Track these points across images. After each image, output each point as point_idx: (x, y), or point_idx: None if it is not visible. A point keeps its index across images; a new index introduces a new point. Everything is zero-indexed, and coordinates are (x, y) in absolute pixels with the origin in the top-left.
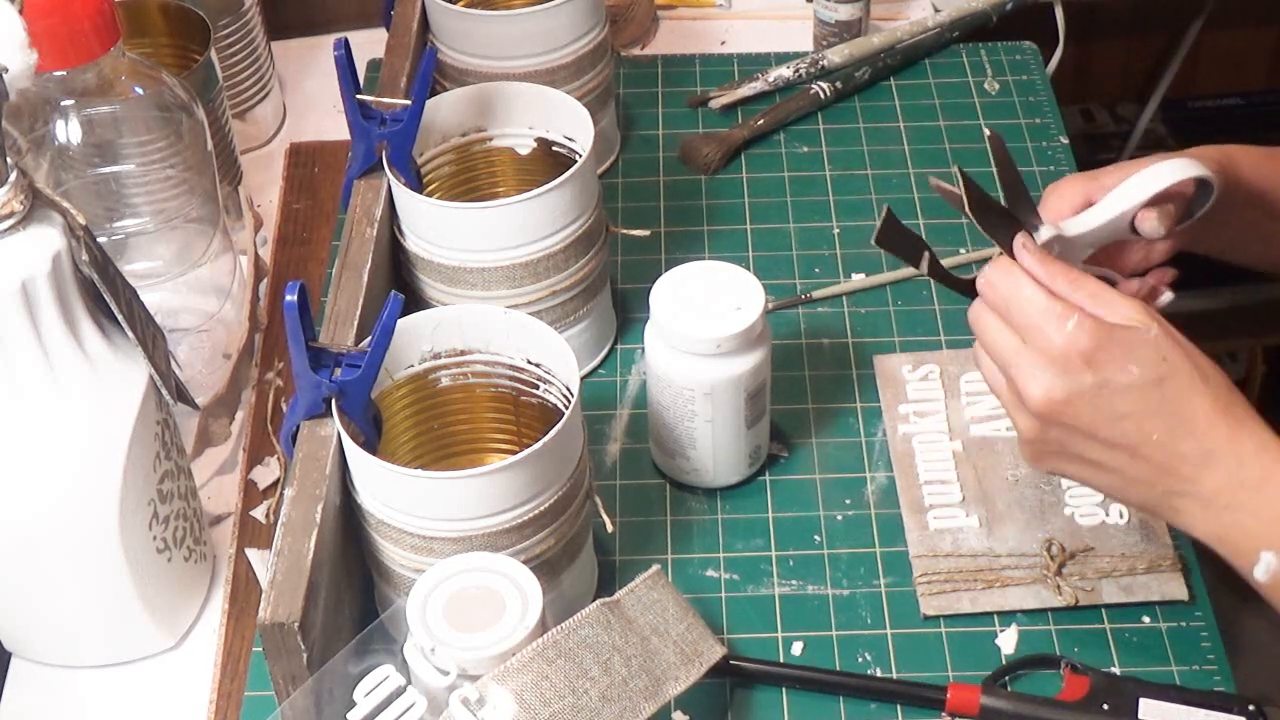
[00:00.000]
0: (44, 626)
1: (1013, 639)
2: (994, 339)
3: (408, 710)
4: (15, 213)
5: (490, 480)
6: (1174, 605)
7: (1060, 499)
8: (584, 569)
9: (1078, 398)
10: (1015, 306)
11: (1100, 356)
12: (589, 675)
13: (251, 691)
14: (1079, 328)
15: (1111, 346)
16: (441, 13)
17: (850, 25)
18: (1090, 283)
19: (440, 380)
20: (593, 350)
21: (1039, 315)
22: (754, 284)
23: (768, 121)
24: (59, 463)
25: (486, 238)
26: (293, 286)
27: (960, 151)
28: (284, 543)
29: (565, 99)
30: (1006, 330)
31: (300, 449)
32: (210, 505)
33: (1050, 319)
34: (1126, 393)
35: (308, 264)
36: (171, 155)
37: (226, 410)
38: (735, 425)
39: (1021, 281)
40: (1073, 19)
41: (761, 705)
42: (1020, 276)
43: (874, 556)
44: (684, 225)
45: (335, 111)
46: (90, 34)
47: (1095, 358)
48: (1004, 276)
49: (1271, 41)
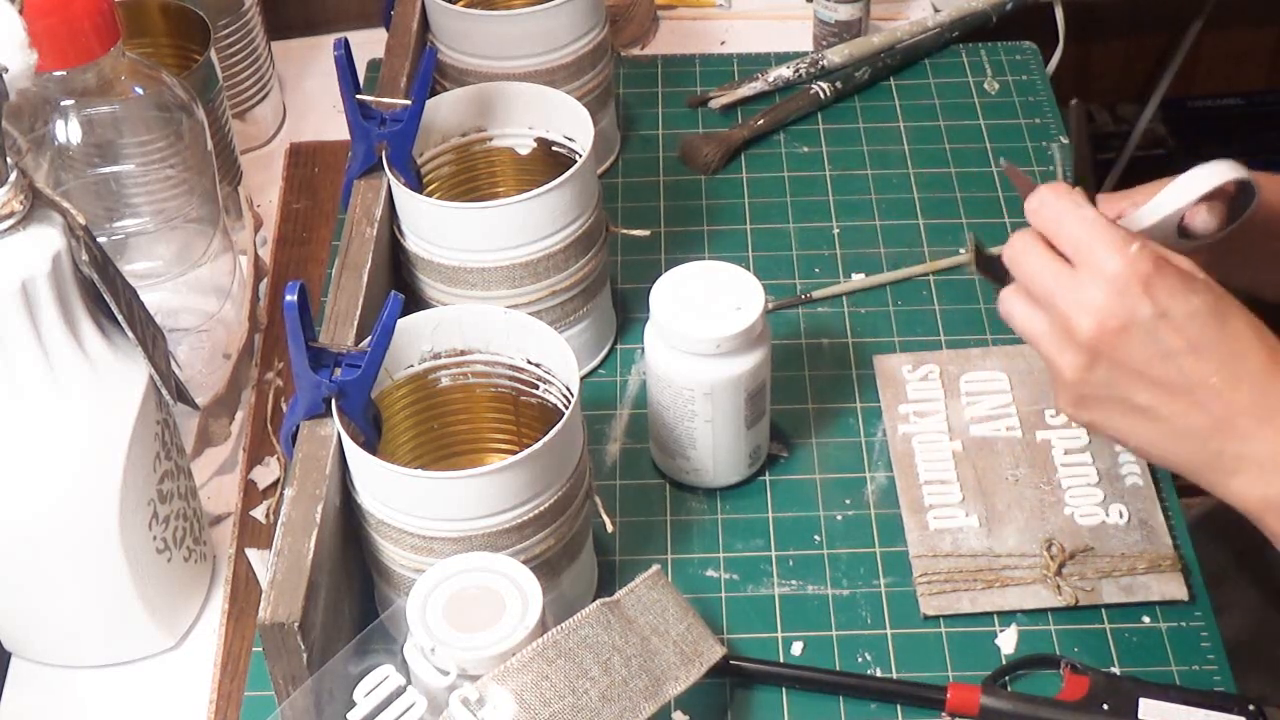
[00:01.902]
0: (44, 626)
1: (1013, 639)
2: (1039, 267)
3: (408, 710)
4: (15, 213)
5: (490, 480)
6: (1174, 605)
7: (1060, 499)
8: (584, 569)
9: (1134, 326)
10: (1069, 226)
11: (1162, 282)
12: (589, 675)
13: (251, 691)
14: (1142, 250)
15: (1172, 276)
16: (441, 13)
17: (850, 25)
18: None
19: (440, 380)
20: (593, 350)
21: (1099, 234)
22: (754, 284)
23: (768, 121)
24: (59, 463)
25: (486, 238)
26: (293, 286)
27: (960, 151)
28: (284, 543)
29: (565, 99)
30: (1054, 259)
31: (300, 449)
32: (210, 505)
33: (1111, 238)
34: (1187, 324)
35: (308, 264)
36: (171, 155)
37: (226, 410)
38: (735, 425)
39: (1081, 200)
40: (1073, 19)
41: (761, 705)
42: (1079, 196)
43: (874, 556)
44: (684, 225)
45: (335, 111)
46: (90, 34)
47: (1156, 283)
48: (1059, 196)
49: (1271, 41)
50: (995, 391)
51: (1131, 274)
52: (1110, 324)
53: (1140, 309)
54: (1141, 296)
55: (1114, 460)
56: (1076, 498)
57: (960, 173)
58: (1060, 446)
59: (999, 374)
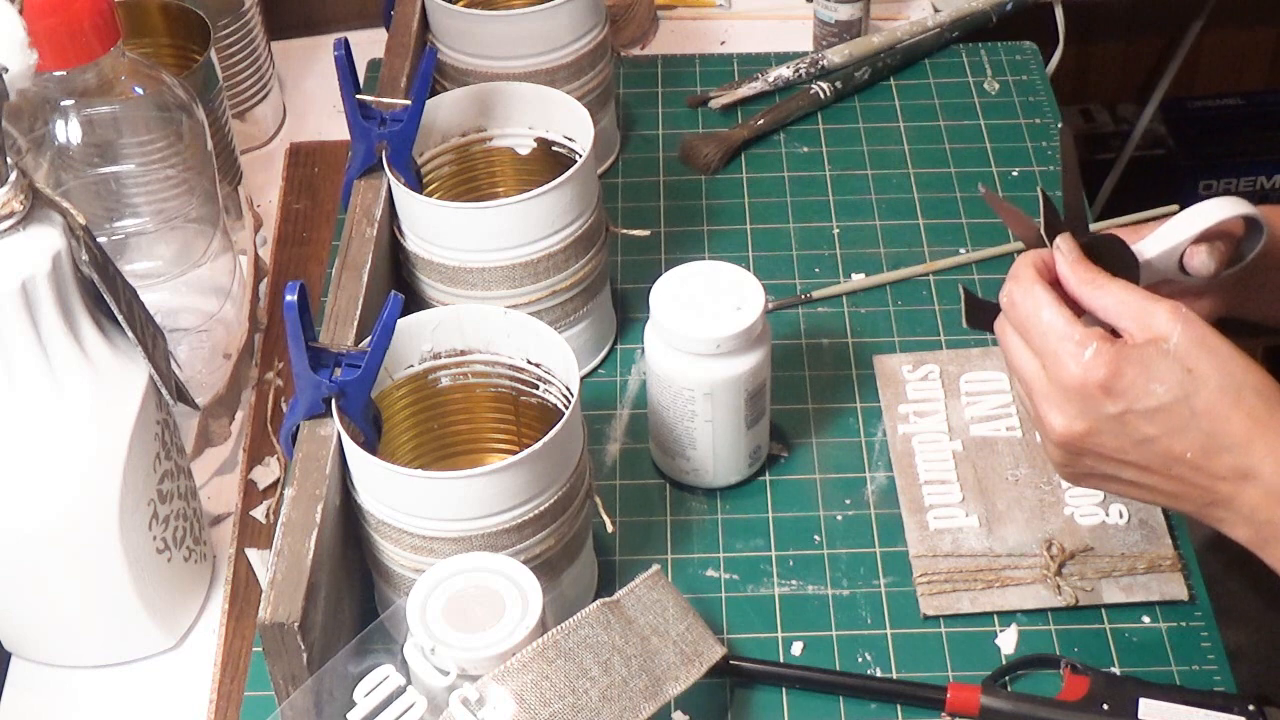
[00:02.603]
0: (44, 627)
1: (1013, 639)
2: (1018, 361)
3: (408, 710)
4: (15, 213)
5: (490, 480)
6: (1174, 605)
7: (1060, 499)
8: (584, 569)
9: (1101, 427)
10: (1035, 330)
11: (1119, 384)
12: (589, 675)
13: (251, 691)
14: (1096, 356)
15: (1130, 371)
16: (441, 13)
17: (850, 25)
18: (1115, 287)
19: (440, 380)
20: (593, 350)
21: (1056, 341)
22: (754, 284)
23: (768, 121)
24: (59, 463)
25: (486, 238)
26: (293, 286)
27: (960, 151)
28: (284, 543)
29: (565, 99)
30: (1028, 354)
31: (300, 449)
32: (210, 505)
33: (1067, 346)
34: (1152, 416)
35: (308, 264)
36: (171, 155)
37: (226, 410)
38: (735, 425)
39: (1041, 302)
40: (1072, 19)
41: (761, 705)
42: (1040, 296)
43: (874, 556)
44: (684, 225)
45: (335, 111)
46: (90, 34)
47: (1114, 386)
48: (1025, 296)
49: (1271, 41)
50: (995, 391)
51: (1090, 381)
52: (1076, 428)
53: (1103, 410)
54: (1103, 399)
55: None
56: (1076, 498)
57: (960, 173)
58: None
59: (999, 374)
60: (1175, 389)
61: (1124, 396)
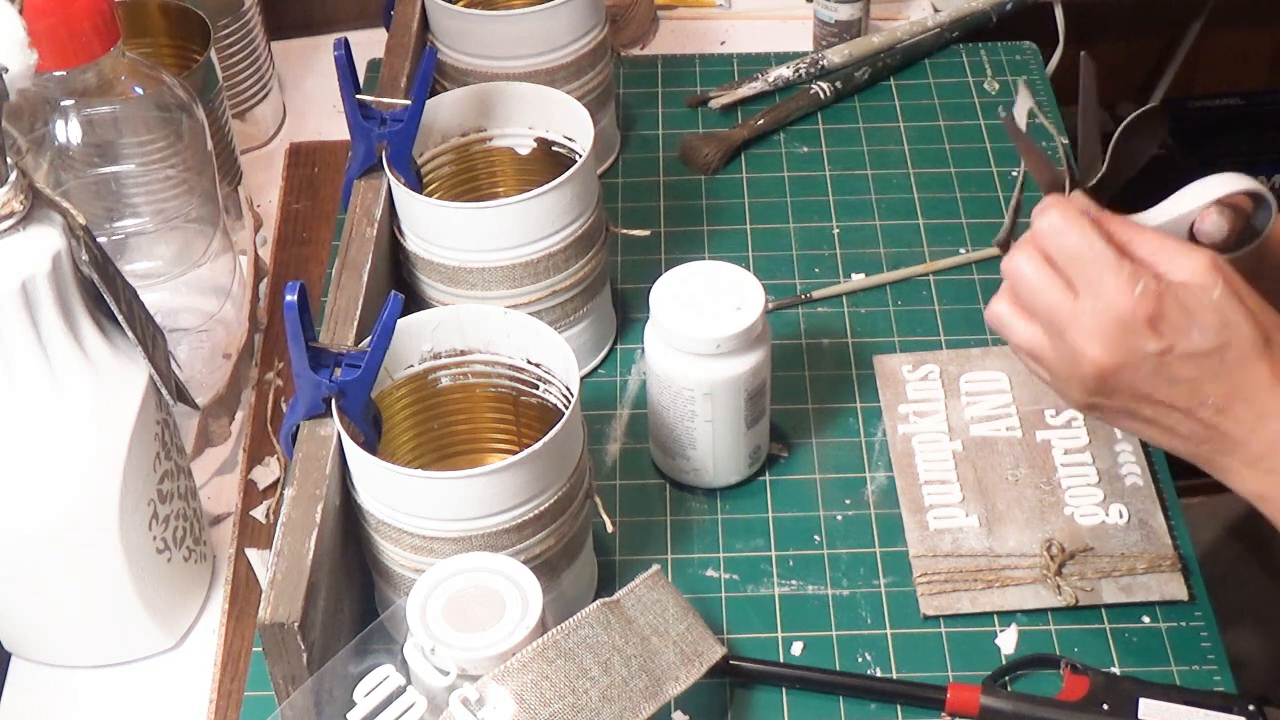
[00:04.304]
0: (44, 627)
1: (1013, 639)
2: (1043, 294)
3: (408, 710)
4: (15, 213)
5: (490, 480)
6: (1174, 605)
7: (1060, 499)
8: (584, 569)
9: (1140, 362)
10: (1081, 259)
11: (1164, 322)
12: (589, 675)
13: (251, 691)
14: (1146, 291)
15: (1175, 311)
16: (441, 13)
17: (850, 25)
18: (1153, 235)
19: (440, 380)
20: (593, 350)
21: (1104, 272)
22: (754, 284)
23: (768, 121)
24: (59, 463)
25: (486, 238)
26: (293, 286)
27: (960, 151)
28: (284, 543)
29: (565, 99)
30: (1058, 284)
31: (300, 449)
32: (210, 505)
33: (1117, 279)
34: (1187, 360)
35: (308, 264)
36: (171, 155)
37: (226, 410)
38: (735, 425)
39: (1089, 231)
40: (1072, 19)
41: (761, 705)
42: (1086, 224)
43: (874, 556)
44: (684, 225)
45: (335, 111)
46: (90, 34)
47: (1159, 323)
48: (1068, 223)
49: (1271, 41)
50: (995, 391)
51: (1139, 314)
52: (1115, 359)
53: (1145, 346)
54: (1147, 334)
55: (1114, 460)
56: (1076, 498)
57: (960, 173)
58: (1060, 446)
59: (999, 374)
60: (1214, 336)
61: (1166, 335)
